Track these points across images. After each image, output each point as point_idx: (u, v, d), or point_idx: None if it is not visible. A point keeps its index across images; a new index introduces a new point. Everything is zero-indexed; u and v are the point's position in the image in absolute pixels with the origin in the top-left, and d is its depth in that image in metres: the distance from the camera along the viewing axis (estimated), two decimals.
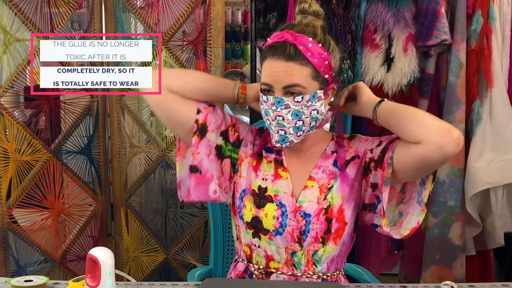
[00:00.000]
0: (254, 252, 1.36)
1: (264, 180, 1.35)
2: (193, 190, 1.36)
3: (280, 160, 1.37)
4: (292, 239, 1.31)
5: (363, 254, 2.31)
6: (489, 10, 2.12)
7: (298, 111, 1.25)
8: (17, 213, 2.31)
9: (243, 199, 1.35)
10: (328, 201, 1.32)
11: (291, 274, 1.33)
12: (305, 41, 1.23)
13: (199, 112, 1.34)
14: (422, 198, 1.32)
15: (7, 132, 2.23)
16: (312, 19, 1.29)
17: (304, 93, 1.24)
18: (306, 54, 1.23)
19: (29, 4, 2.20)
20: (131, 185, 2.43)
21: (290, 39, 1.24)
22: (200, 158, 1.35)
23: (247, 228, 1.35)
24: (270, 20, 2.37)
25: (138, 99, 2.40)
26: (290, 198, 1.33)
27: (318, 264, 1.33)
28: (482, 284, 1.38)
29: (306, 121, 1.27)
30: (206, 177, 1.36)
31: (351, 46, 2.13)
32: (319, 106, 1.27)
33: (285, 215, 1.32)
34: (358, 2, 2.13)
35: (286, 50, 1.23)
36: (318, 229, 1.30)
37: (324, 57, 1.25)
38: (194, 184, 1.36)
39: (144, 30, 2.34)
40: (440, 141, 1.18)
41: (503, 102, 2.14)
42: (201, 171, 1.36)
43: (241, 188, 1.37)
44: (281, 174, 1.35)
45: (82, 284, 1.21)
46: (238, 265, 1.41)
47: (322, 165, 1.36)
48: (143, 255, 2.45)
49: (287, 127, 1.27)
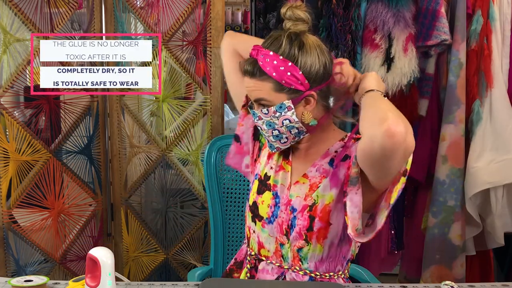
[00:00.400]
0: (251, 236, 1.43)
1: (271, 168, 1.42)
2: (232, 155, 1.52)
3: (287, 153, 1.41)
4: (281, 230, 1.35)
5: (363, 254, 2.31)
6: (489, 10, 2.12)
7: (270, 121, 1.31)
8: (17, 213, 2.31)
9: (253, 183, 1.44)
10: (313, 199, 1.33)
11: (279, 266, 1.37)
12: (264, 56, 1.27)
13: None
14: (387, 203, 1.23)
15: (7, 132, 2.23)
16: (291, 24, 1.29)
17: (270, 105, 1.29)
18: (265, 68, 1.26)
19: (29, 4, 2.20)
20: (131, 185, 2.43)
21: (253, 54, 1.30)
22: (242, 130, 1.49)
23: (248, 210, 1.43)
24: (270, 20, 2.38)
25: (138, 99, 2.40)
26: (285, 191, 1.37)
27: (304, 261, 1.35)
28: (482, 284, 1.38)
29: (281, 130, 1.32)
30: (244, 149, 1.50)
31: (351, 46, 2.13)
32: (290, 116, 1.29)
33: (277, 206, 1.36)
34: (358, 2, 2.13)
35: (249, 67, 1.29)
36: (301, 225, 1.33)
37: (283, 69, 1.25)
38: (234, 151, 1.51)
39: (144, 30, 2.34)
40: (369, 133, 1.15)
41: (503, 102, 2.14)
42: (241, 142, 1.50)
43: (256, 172, 1.46)
44: (284, 166, 1.40)
45: (82, 284, 1.21)
46: (243, 246, 1.50)
47: (318, 163, 1.36)
48: (143, 255, 2.44)
49: (267, 136, 1.35)
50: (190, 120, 2.31)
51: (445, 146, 2.14)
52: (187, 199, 2.43)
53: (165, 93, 2.30)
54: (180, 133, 2.32)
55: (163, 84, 2.28)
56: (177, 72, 2.30)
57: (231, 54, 1.50)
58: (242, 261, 1.48)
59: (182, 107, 2.32)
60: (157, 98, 2.32)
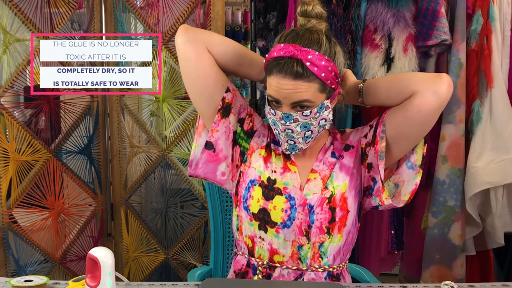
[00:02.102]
0: (257, 245, 1.36)
1: (274, 172, 1.36)
2: (202, 164, 1.37)
3: (288, 154, 1.39)
4: (300, 232, 1.33)
5: (363, 254, 2.31)
6: (489, 10, 2.12)
7: (307, 123, 1.27)
8: (17, 213, 2.31)
9: (250, 190, 1.36)
10: (329, 190, 1.34)
11: (296, 269, 1.34)
12: (312, 57, 1.23)
13: (228, 91, 1.36)
14: (413, 163, 1.35)
15: (7, 132, 2.23)
16: (316, 22, 1.29)
17: (312, 107, 1.26)
18: (313, 69, 1.23)
19: (29, 4, 2.20)
20: (131, 185, 2.43)
21: (296, 54, 1.23)
22: (217, 136, 1.36)
23: (252, 219, 1.35)
24: (270, 20, 2.37)
25: (138, 99, 2.41)
26: (299, 192, 1.34)
27: (324, 256, 1.34)
28: (482, 284, 1.38)
29: (314, 130, 1.30)
30: (219, 156, 1.37)
31: (351, 46, 2.13)
32: (327, 115, 1.30)
33: (294, 208, 1.33)
34: (358, 2, 2.13)
35: (294, 68, 1.22)
36: (322, 219, 1.32)
37: (330, 69, 1.26)
38: (205, 160, 1.37)
39: (144, 30, 2.34)
40: (433, 86, 1.24)
41: (503, 102, 2.14)
42: (215, 149, 1.37)
43: (249, 178, 1.37)
44: (290, 167, 1.37)
45: (82, 284, 1.21)
46: (238, 258, 1.41)
47: (322, 158, 1.39)
48: (143, 255, 2.45)
49: (296, 138, 1.30)
50: (190, 120, 2.31)
51: (445, 146, 2.14)
52: (187, 199, 2.44)
53: (165, 93, 2.30)
54: (180, 133, 2.32)
55: (163, 84, 2.28)
56: (177, 72, 2.30)
57: (204, 51, 1.32)
58: (245, 271, 1.40)
59: (182, 107, 2.32)
60: (157, 98, 2.32)
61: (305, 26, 1.29)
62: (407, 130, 1.30)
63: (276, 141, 1.41)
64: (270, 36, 2.36)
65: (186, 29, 1.33)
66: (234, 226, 1.44)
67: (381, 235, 2.29)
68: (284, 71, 1.23)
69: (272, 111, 1.28)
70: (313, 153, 1.39)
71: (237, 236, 1.42)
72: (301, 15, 1.31)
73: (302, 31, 1.28)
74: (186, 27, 1.35)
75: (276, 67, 1.24)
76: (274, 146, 1.41)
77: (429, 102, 1.24)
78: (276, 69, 1.24)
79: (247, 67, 1.38)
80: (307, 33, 1.27)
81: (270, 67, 1.26)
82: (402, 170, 1.36)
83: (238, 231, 1.41)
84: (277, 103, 1.27)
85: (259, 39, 2.44)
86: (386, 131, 1.30)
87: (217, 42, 1.34)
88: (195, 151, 1.39)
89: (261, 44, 2.41)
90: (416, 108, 1.25)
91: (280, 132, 1.30)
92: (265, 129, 1.44)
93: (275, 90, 1.26)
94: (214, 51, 1.33)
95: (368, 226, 2.29)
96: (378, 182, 1.33)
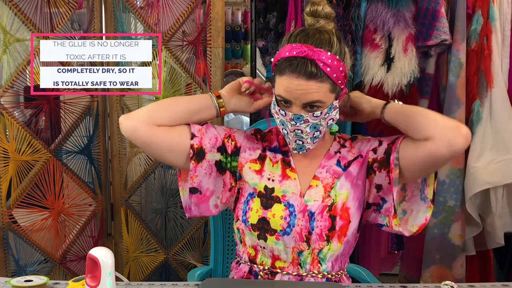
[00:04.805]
0: (260, 252, 1.36)
1: (271, 180, 1.35)
2: (194, 207, 1.39)
3: (287, 161, 1.37)
4: (300, 238, 1.32)
5: (363, 254, 2.31)
6: (489, 10, 2.12)
7: (317, 123, 1.27)
8: (17, 213, 2.31)
9: (249, 203, 1.35)
10: (331, 198, 1.33)
11: (296, 274, 1.34)
12: (324, 57, 1.22)
13: (194, 137, 1.33)
14: (426, 195, 1.34)
15: (7, 132, 2.23)
16: (324, 22, 1.28)
17: (323, 107, 1.25)
18: (326, 70, 1.22)
19: (29, 4, 2.20)
20: (131, 185, 2.43)
21: (309, 54, 1.21)
22: (198, 180, 1.35)
23: (251, 230, 1.34)
24: (270, 20, 2.37)
25: (138, 99, 2.40)
26: (298, 198, 1.33)
27: (323, 263, 1.34)
28: (482, 284, 1.38)
29: (322, 130, 1.30)
30: (206, 195, 1.38)
31: (351, 46, 2.13)
32: (335, 115, 1.30)
33: (293, 215, 1.32)
34: (358, 2, 2.13)
35: (308, 68, 1.21)
36: (322, 227, 1.31)
37: (341, 69, 1.25)
38: (195, 202, 1.38)
39: (144, 30, 2.34)
40: (450, 137, 1.21)
41: (503, 102, 2.14)
42: (201, 191, 1.37)
43: (247, 192, 1.37)
44: (289, 174, 1.36)
45: (82, 284, 1.21)
46: (241, 266, 1.41)
47: (326, 164, 1.37)
48: (143, 255, 2.44)
49: (305, 138, 1.29)
50: None
51: None
52: None
53: (165, 93, 2.30)
54: None
55: (163, 84, 2.28)
56: (177, 72, 2.30)
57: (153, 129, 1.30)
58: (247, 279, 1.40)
59: None
60: (157, 98, 2.32)
61: (314, 26, 1.28)
62: (416, 167, 1.28)
63: (273, 148, 1.39)
64: (270, 36, 2.36)
65: (125, 118, 1.32)
66: (236, 238, 1.44)
67: (381, 235, 2.29)
68: (298, 71, 1.21)
69: (282, 112, 1.27)
70: (314, 159, 1.37)
71: (240, 247, 1.42)
72: (310, 15, 1.29)
73: (313, 31, 1.26)
74: (124, 117, 1.33)
75: (289, 67, 1.23)
76: (271, 154, 1.39)
77: (441, 152, 1.21)
78: (289, 69, 1.22)
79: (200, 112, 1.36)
80: (317, 33, 1.26)
81: (282, 67, 1.24)
82: (414, 200, 1.35)
83: (241, 243, 1.41)
84: (286, 103, 1.26)
85: (259, 39, 2.43)
86: (400, 159, 1.29)
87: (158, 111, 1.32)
88: (184, 197, 1.39)
89: (261, 44, 2.41)
90: (427, 153, 1.23)
91: (289, 132, 1.29)
92: (251, 141, 1.40)
93: (286, 91, 1.24)
94: (161, 120, 1.31)
95: (368, 226, 2.28)
96: (388, 203, 1.32)
